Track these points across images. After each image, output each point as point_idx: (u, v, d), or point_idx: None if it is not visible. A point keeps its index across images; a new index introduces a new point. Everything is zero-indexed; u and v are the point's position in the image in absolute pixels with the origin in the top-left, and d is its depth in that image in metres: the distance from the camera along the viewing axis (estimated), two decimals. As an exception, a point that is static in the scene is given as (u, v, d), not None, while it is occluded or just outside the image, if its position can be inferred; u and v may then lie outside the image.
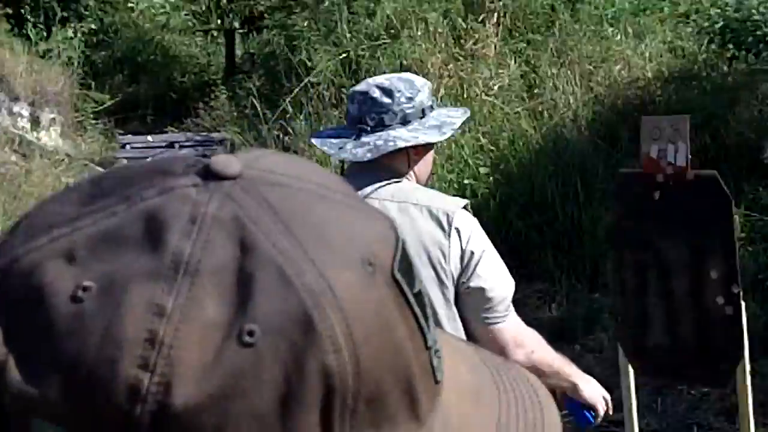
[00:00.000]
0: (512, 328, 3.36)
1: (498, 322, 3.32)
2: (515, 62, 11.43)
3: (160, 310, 0.75)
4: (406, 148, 3.39)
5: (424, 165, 3.54)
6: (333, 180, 0.88)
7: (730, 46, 10.97)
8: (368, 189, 3.34)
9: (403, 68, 11.36)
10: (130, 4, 17.57)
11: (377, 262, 0.81)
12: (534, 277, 9.10)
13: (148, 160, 8.44)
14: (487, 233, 3.52)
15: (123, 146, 13.08)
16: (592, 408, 3.49)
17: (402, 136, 3.37)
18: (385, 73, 11.26)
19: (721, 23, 11.34)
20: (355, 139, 3.41)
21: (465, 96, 11.02)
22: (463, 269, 3.29)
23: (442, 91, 11.07)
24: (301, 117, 11.23)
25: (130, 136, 13.49)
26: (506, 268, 3.43)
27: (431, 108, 3.49)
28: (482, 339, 3.30)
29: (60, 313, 0.77)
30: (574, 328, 8.19)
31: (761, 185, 8.32)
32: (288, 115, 11.39)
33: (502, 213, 9.58)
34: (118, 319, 0.76)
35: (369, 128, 3.41)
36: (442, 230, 3.30)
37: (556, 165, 9.80)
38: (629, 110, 10.28)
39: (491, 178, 10.02)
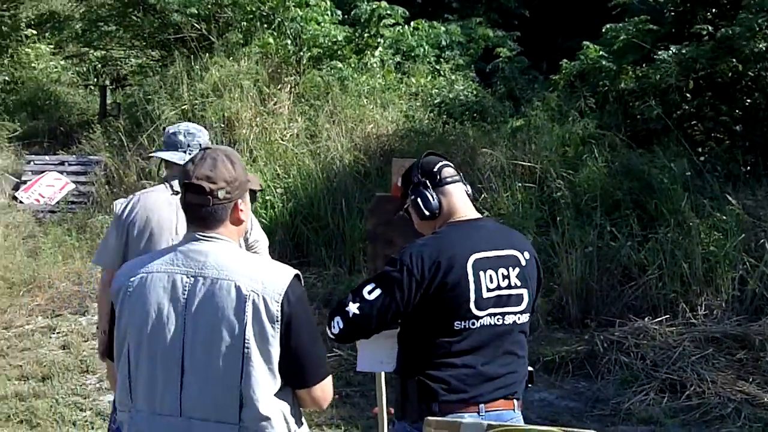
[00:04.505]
0: None
1: None
2: (302, 119, 11.35)
3: None
4: None
5: None
6: None
7: (445, 115, 11.23)
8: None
9: (224, 119, 11.16)
10: (33, 65, 17.37)
11: None
12: (312, 264, 9.05)
13: (44, 172, 8.01)
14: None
15: (28, 162, 12.47)
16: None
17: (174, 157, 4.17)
18: (212, 122, 11.09)
19: (439, 99, 11.60)
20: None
21: (267, 140, 10.88)
22: None
23: (252, 136, 10.90)
24: (153, 148, 10.90)
25: (33, 156, 12.92)
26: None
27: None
28: None
29: None
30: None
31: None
32: (144, 147, 11.03)
33: (291, 220, 9.48)
34: None
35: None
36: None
37: (328, 189, 9.78)
38: (377, 155, 10.37)
39: (284, 196, 9.92)
